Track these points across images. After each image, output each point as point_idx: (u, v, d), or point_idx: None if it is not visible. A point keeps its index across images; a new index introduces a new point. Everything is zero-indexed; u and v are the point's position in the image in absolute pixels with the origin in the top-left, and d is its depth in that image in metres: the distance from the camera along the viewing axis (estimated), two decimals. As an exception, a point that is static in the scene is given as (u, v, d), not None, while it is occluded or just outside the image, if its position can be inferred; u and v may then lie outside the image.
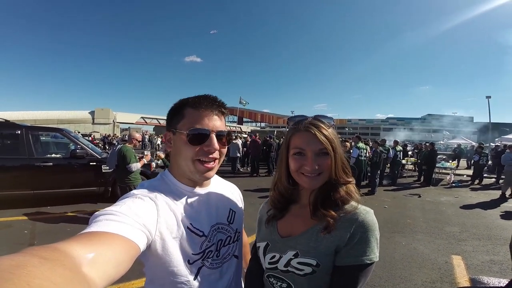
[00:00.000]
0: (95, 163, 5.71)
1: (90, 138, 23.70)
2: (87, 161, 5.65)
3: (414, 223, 5.29)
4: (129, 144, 4.29)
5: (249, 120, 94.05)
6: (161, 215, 0.71)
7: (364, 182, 9.39)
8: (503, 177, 9.78)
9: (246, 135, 20.93)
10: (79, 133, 15.35)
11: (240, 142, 12.00)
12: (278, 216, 0.85)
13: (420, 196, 7.90)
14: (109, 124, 46.20)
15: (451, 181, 10.12)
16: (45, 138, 6.76)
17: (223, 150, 0.82)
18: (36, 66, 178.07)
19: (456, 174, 11.72)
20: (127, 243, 0.55)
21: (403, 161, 11.94)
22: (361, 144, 8.03)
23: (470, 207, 6.70)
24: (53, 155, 5.83)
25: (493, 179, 11.20)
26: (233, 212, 0.92)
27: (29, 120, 33.53)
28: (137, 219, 0.62)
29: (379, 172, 8.53)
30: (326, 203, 0.76)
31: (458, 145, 20.68)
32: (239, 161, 12.05)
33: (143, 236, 0.61)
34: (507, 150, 8.53)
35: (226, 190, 0.97)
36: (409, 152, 15.06)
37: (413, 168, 13.31)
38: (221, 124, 0.81)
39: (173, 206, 0.76)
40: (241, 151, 11.68)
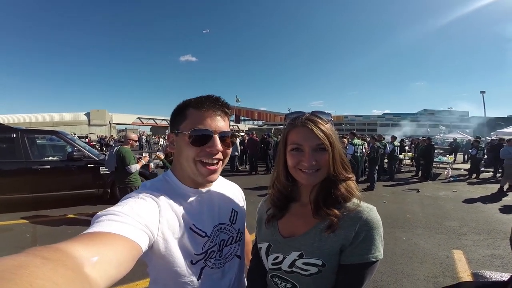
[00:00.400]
0: (93, 165, 5.69)
1: (86, 140, 23.59)
2: (84, 163, 5.64)
3: (413, 218, 5.32)
4: (126, 145, 4.28)
5: (246, 118, 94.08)
6: (163, 216, 0.70)
7: (363, 178, 9.45)
8: (500, 170, 9.90)
9: (244, 133, 20.90)
10: (75, 135, 15.22)
11: (238, 140, 11.97)
12: (278, 216, 0.84)
13: (418, 191, 7.94)
14: (105, 125, 46.06)
15: (449, 176, 10.20)
16: (41, 141, 6.72)
17: (227, 151, 0.80)
18: (30, 68, 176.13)
19: (454, 169, 11.82)
20: (129, 243, 0.54)
21: (401, 156, 12.01)
22: (356, 141, 8.06)
23: (469, 201, 6.75)
24: (50, 158, 5.79)
25: (491, 173, 11.28)
26: (235, 213, 0.92)
27: (24, 123, 33.34)
28: (139, 219, 0.61)
29: (377, 168, 8.58)
30: (328, 201, 0.74)
31: (454, 139, 20.85)
32: (237, 159, 12.05)
33: (145, 236, 0.61)
34: (505, 144, 8.57)
35: (228, 190, 0.96)
36: (406, 147, 15.15)
37: (411, 163, 13.40)
38: (224, 125, 0.79)
39: (176, 207, 0.75)
40: (239, 149, 11.67)
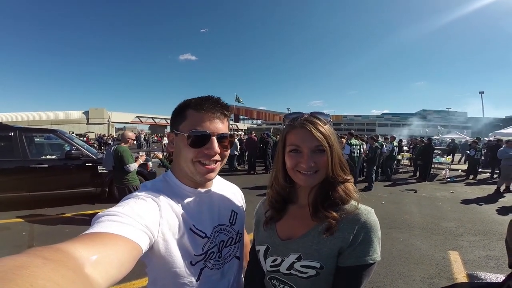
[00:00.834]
0: (91, 163, 5.68)
1: (84, 138, 23.54)
2: (82, 162, 5.62)
3: (411, 218, 5.34)
4: (123, 144, 4.23)
5: (245, 117, 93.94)
6: (163, 216, 0.70)
7: (361, 178, 9.45)
8: (497, 171, 9.92)
9: (242, 132, 20.87)
10: (74, 134, 15.20)
11: (237, 139, 11.93)
12: (276, 218, 0.84)
13: (416, 192, 7.96)
14: (103, 124, 45.87)
15: (447, 176, 10.23)
16: (39, 139, 6.69)
17: (225, 153, 0.81)
18: (28, 67, 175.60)
19: (451, 169, 11.84)
20: (129, 244, 0.55)
21: (399, 157, 12.01)
22: (353, 141, 7.97)
23: (466, 202, 6.77)
24: (48, 157, 5.76)
25: (488, 174, 11.28)
26: (235, 214, 0.92)
27: (22, 121, 33.16)
28: (139, 220, 0.62)
29: (375, 168, 8.56)
30: (326, 204, 0.74)
31: (452, 139, 20.87)
32: (236, 158, 12.03)
33: (146, 237, 0.61)
34: (504, 145, 8.57)
35: (228, 191, 0.97)
36: (405, 148, 15.16)
37: (409, 164, 13.42)
38: (223, 127, 0.79)
39: (176, 207, 0.75)
40: (238, 149, 11.66)
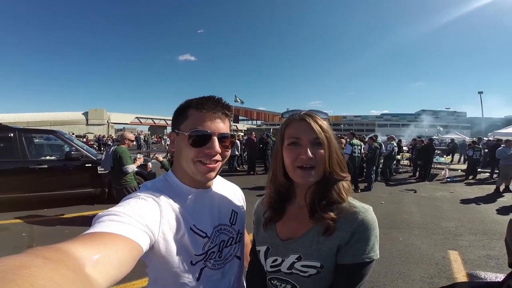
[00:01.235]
0: (90, 164, 5.67)
1: (84, 139, 23.52)
2: (82, 162, 5.61)
3: (410, 218, 5.35)
4: (122, 145, 4.22)
5: (245, 118, 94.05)
6: (164, 216, 0.70)
7: (361, 178, 9.43)
8: (496, 171, 9.93)
9: (242, 133, 20.85)
10: (73, 135, 15.17)
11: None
12: (276, 219, 0.84)
13: (415, 192, 7.97)
14: (103, 125, 45.87)
15: (446, 176, 10.24)
16: (38, 140, 6.69)
17: (226, 153, 0.81)
18: (28, 67, 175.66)
19: (450, 169, 11.85)
20: (130, 243, 0.55)
21: (398, 157, 12.01)
22: (355, 141, 7.95)
23: (466, 202, 6.78)
24: (48, 158, 5.76)
25: (487, 174, 11.31)
26: (235, 213, 0.92)
27: (21, 122, 33.18)
28: (140, 220, 0.62)
29: (374, 168, 8.57)
30: (323, 204, 0.74)
31: (451, 140, 20.88)
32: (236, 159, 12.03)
33: (146, 237, 0.61)
34: (503, 144, 8.58)
35: (228, 191, 0.97)
36: (404, 148, 15.17)
37: (409, 164, 13.42)
38: (224, 127, 0.79)
39: (176, 207, 0.75)
40: (239, 149, 11.66)
